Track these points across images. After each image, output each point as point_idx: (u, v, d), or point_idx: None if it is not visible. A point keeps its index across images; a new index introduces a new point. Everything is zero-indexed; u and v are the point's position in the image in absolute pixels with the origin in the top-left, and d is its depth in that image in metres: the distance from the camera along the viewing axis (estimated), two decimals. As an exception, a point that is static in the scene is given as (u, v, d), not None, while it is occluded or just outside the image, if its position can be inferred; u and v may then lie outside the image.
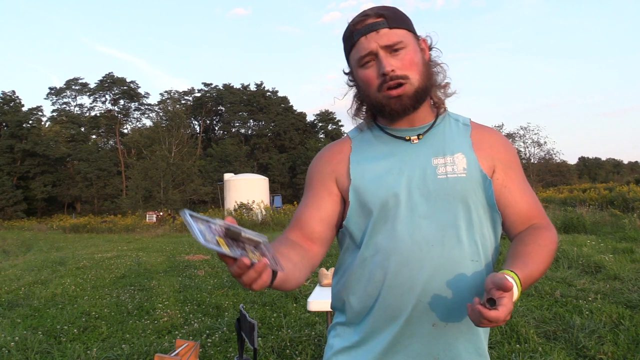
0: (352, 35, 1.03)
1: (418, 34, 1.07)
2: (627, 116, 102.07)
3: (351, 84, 1.12)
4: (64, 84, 51.48)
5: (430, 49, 1.08)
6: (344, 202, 1.08)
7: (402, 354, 1.01)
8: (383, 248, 1.00)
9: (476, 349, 1.03)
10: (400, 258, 0.98)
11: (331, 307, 1.15)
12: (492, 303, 0.84)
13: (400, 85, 0.99)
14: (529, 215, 1.07)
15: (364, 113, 1.12)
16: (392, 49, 0.99)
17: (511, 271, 0.91)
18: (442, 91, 1.08)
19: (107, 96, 51.59)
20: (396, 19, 1.02)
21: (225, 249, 0.75)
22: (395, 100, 1.00)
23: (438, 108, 1.09)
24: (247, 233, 0.80)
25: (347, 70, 1.11)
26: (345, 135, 1.16)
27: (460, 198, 1.01)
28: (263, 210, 21.54)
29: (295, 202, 28.86)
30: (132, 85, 51.21)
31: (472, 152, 1.05)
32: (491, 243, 1.05)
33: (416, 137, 1.06)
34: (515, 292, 0.88)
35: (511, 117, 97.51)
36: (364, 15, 1.02)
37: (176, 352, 2.21)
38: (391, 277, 0.99)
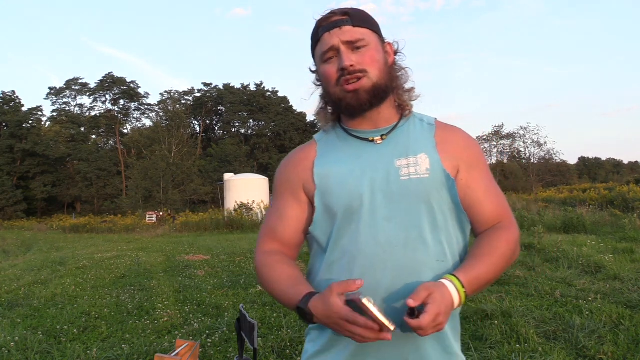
0: (317, 32, 1.05)
1: (386, 39, 1.10)
2: (627, 116, 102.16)
3: (318, 83, 1.13)
4: (64, 84, 51.52)
5: (395, 53, 1.10)
6: (312, 207, 1.09)
7: (372, 356, 1.01)
8: (348, 251, 1.01)
9: (444, 348, 1.03)
10: (364, 261, 0.99)
11: None
12: (412, 312, 0.87)
13: (358, 79, 1.00)
14: (493, 215, 1.07)
15: (329, 112, 1.13)
16: (353, 45, 1.01)
17: (453, 275, 0.94)
18: (407, 94, 1.10)
19: (107, 96, 51.62)
20: (360, 19, 1.04)
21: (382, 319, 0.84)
22: (352, 94, 1.01)
23: (403, 110, 1.10)
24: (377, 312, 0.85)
25: (313, 69, 1.13)
26: (312, 138, 1.17)
27: (423, 199, 1.01)
28: (263, 210, 21.55)
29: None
30: (132, 85, 51.22)
31: (435, 152, 1.05)
32: (458, 242, 1.06)
33: (379, 137, 1.07)
34: (455, 296, 0.91)
35: (511, 117, 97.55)
36: (330, 13, 1.05)
37: (176, 352, 2.21)
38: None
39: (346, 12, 1.04)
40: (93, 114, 52.17)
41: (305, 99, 1.16)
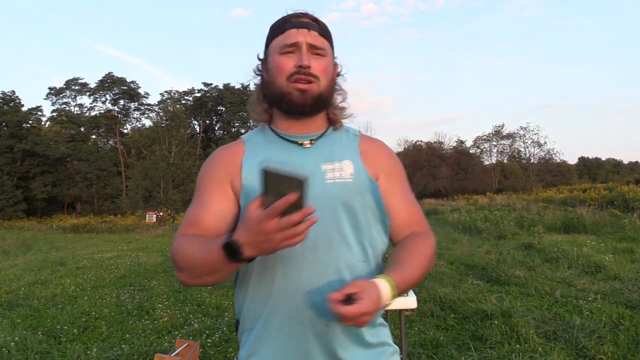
0: (284, 24, 1.07)
1: (336, 59, 1.15)
2: (627, 116, 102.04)
3: (259, 72, 1.15)
4: (64, 84, 51.47)
5: (338, 74, 1.15)
6: (238, 205, 1.08)
7: (300, 350, 1.03)
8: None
9: (365, 343, 1.06)
10: (288, 261, 1.01)
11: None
12: (348, 300, 0.89)
13: (310, 82, 1.04)
14: (410, 222, 1.12)
15: (265, 108, 1.14)
16: (315, 50, 1.06)
17: (388, 276, 0.97)
18: (340, 112, 1.14)
19: (107, 96, 51.56)
20: (326, 31, 1.10)
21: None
22: (300, 93, 1.04)
23: (334, 123, 1.15)
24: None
25: (261, 57, 1.14)
26: (239, 138, 1.17)
27: (347, 202, 1.05)
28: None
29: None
30: (132, 85, 51.18)
31: (359, 159, 1.11)
32: (381, 244, 1.10)
33: (309, 142, 1.10)
34: (388, 295, 0.94)
35: (511, 117, 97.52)
36: (302, 14, 1.09)
37: (176, 352, 2.21)
38: (280, 280, 1.02)
39: (315, 20, 1.08)
40: (93, 114, 52.15)
41: (243, 83, 1.18)
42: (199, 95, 54.86)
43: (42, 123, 49.26)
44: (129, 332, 4.47)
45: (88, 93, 51.45)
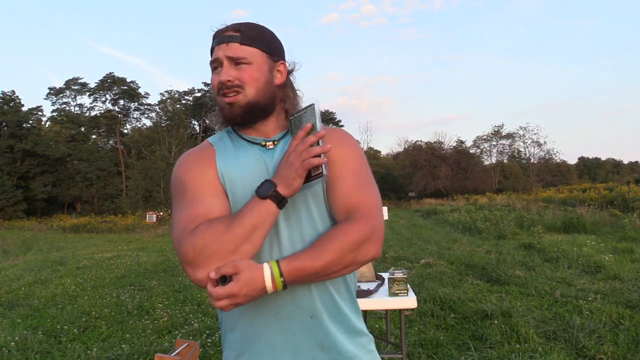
0: (212, 42, 1.13)
1: (283, 60, 1.15)
2: (627, 116, 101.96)
3: None
4: (64, 84, 51.43)
5: (290, 73, 1.16)
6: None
7: (289, 351, 1.05)
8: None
9: (350, 329, 1.09)
10: (266, 258, 1.03)
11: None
12: (223, 280, 0.92)
13: (236, 93, 1.07)
14: (343, 208, 1.07)
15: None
16: (235, 61, 1.08)
17: (275, 262, 0.97)
18: (292, 110, 1.15)
19: (107, 96, 51.54)
20: (251, 37, 1.10)
21: None
22: (229, 106, 1.08)
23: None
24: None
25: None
26: (204, 141, 1.18)
27: (312, 194, 1.09)
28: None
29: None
30: (132, 85, 51.18)
31: None
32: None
33: (271, 143, 1.13)
34: (268, 282, 0.94)
35: (511, 117, 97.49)
36: (226, 27, 1.11)
37: (176, 352, 2.21)
38: None
39: (238, 30, 1.09)
40: (93, 114, 52.14)
41: (206, 88, 1.18)
42: (199, 95, 54.82)
43: (42, 123, 49.27)
44: (129, 331, 4.47)
45: (88, 93, 51.43)
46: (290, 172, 0.98)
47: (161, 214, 27.29)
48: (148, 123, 51.69)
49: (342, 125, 54.91)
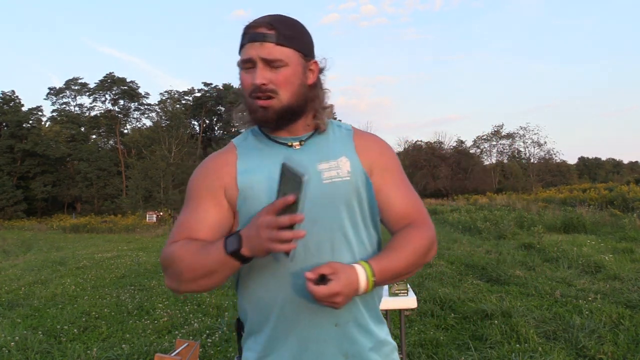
0: (243, 37, 1.04)
1: (315, 58, 1.09)
2: (627, 116, 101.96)
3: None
4: (64, 84, 51.46)
5: (320, 71, 1.10)
6: (233, 214, 1.07)
7: (312, 352, 1.03)
8: (275, 256, 1.00)
9: (375, 338, 1.08)
10: (292, 265, 1.01)
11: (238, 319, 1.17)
12: (322, 279, 0.92)
13: (269, 97, 1.01)
14: (404, 215, 1.11)
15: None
16: (270, 64, 1.01)
17: (366, 262, 0.98)
18: (325, 112, 1.12)
19: (107, 96, 51.56)
20: (286, 37, 1.02)
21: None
22: (262, 110, 1.02)
23: (319, 127, 1.11)
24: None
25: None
26: (229, 144, 1.15)
27: (345, 201, 1.05)
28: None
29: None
30: (132, 85, 51.17)
31: (355, 154, 1.10)
32: (376, 240, 1.12)
33: (298, 143, 1.09)
34: (362, 280, 0.95)
35: (511, 117, 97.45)
36: (258, 23, 1.03)
37: (176, 352, 2.21)
38: (286, 283, 1.02)
39: (273, 27, 1.02)
40: (93, 114, 52.16)
41: (231, 85, 1.14)
42: (198, 95, 54.86)
43: (42, 123, 49.26)
44: (129, 331, 4.47)
45: (88, 93, 51.44)
46: (254, 241, 0.90)
47: (161, 214, 27.30)
48: (148, 123, 51.71)
49: (342, 125, 54.82)
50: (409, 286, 2.63)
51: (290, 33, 1.04)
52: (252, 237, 0.90)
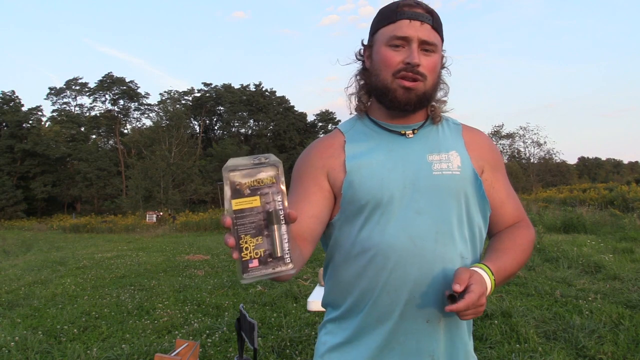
0: (396, 13, 1.01)
1: (444, 52, 1.10)
2: (627, 116, 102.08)
3: (360, 57, 1.11)
4: (64, 84, 51.46)
5: (442, 67, 1.10)
6: (334, 197, 1.06)
7: (397, 350, 1.01)
8: (376, 244, 0.99)
9: (464, 344, 1.06)
10: (394, 254, 0.98)
11: (322, 305, 1.15)
12: (453, 299, 0.89)
13: (416, 80, 1.00)
14: (513, 217, 1.12)
15: (362, 99, 1.10)
16: (426, 47, 1.00)
17: (484, 264, 0.96)
18: (439, 104, 1.10)
19: (107, 96, 51.53)
20: (439, 23, 1.04)
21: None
22: (405, 91, 1.00)
23: (434, 117, 1.10)
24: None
25: (366, 43, 1.09)
26: (335, 128, 1.14)
27: (455, 195, 1.02)
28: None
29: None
30: (132, 85, 51.17)
31: (465, 150, 1.08)
32: (481, 240, 1.08)
33: (411, 132, 1.06)
34: (488, 283, 0.93)
35: (511, 117, 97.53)
36: (416, 3, 1.02)
37: (176, 352, 2.22)
38: (385, 273, 0.99)
39: (430, 12, 1.02)
40: (93, 114, 52.14)
41: (341, 64, 1.12)
42: (198, 95, 54.83)
43: (42, 123, 49.25)
44: (129, 331, 4.47)
45: (88, 93, 51.45)
46: None
47: (161, 214, 27.29)
48: (148, 123, 51.68)
49: (342, 125, 54.72)
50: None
51: (440, 23, 1.04)
52: None
